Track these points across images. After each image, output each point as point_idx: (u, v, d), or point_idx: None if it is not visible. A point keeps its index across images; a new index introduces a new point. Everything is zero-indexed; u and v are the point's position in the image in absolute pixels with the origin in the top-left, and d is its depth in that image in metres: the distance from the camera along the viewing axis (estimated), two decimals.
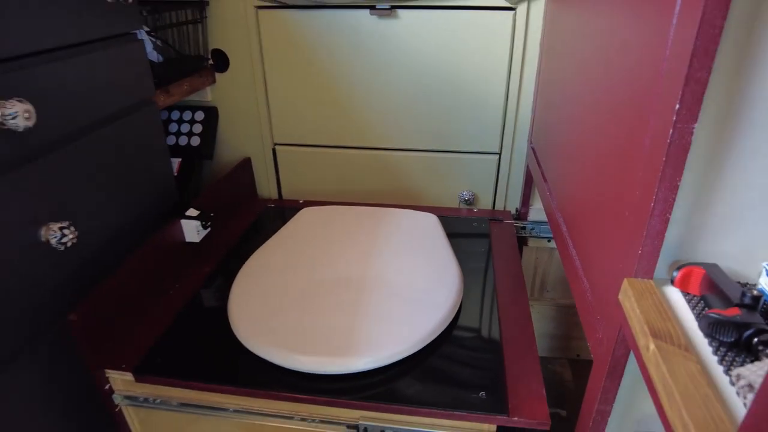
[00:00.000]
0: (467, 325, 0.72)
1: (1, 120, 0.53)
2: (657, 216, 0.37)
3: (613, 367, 0.46)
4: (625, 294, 0.40)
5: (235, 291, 0.75)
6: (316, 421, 0.63)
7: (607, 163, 0.50)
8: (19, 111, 0.54)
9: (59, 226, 0.61)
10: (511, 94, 0.97)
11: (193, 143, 1.07)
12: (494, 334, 0.71)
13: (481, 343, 0.69)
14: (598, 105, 0.54)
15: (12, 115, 0.54)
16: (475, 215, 1.04)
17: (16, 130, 0.55)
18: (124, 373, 0.66)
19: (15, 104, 0.54)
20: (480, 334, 0.71)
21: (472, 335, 0.70)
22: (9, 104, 0.54)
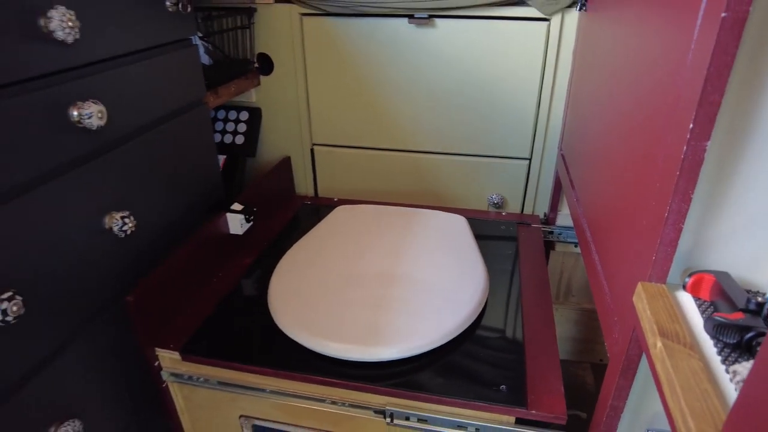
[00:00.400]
0: (491, 324, 0.76)
1: (78, 119, 0.60)
2: (671, 225, 0.40)
3: (627, 366, 0.49)
4: (638, 296, 0.43)
5: (275, 281, 0.81)
6: (346, 404, 0.68)
7: (628, 174, 0.52)
8: (93, 111, 0.61)
9: (121, 215, 0.68)
10: (542, 102, 1.00)
11: (238, 141, 1.14)
12: (517, 333, 0.74)
13: (504, 340, 0.73)
14: (622, 119, 0.57)
15: (88, 115, 0.60)
16: (503, 218, 1.07)
17: (91, 128, 0.62)
18: (172, 352, 0.72)
19: (91, 105, 0.61)
20: (503, 332, 0.74)
21: (495, 333, 0.74)
22: (86, 105, 0.60)
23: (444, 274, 0.81)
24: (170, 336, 0.75)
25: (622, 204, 0.53)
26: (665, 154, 0.41)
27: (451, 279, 0.80)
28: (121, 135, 0.70)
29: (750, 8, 0.33)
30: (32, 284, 0.57)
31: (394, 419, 0.66)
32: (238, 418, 0.76)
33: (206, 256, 0.86)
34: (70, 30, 0.57)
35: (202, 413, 0.79)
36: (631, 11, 0.57)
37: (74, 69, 0.62)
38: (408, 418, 0.65)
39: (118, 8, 0.67)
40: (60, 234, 0.60)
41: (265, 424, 0.75)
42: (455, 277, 0.81)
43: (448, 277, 0.80)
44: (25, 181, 0.56)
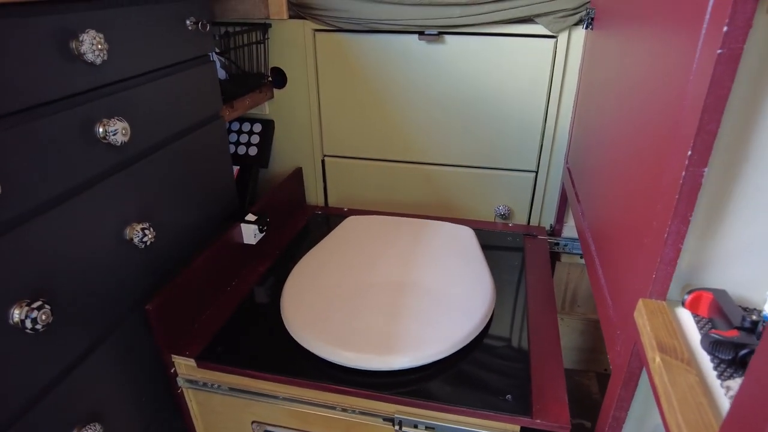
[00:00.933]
0: (498, 334, 0.78)
1: (104, 135, 0.63)
2: (670, 245, 0.43)
3: (628, 378, 0.51)
4: (639, 312, 0.45)
5: (288, 290, 0.83)
6: (356, 412, 0.70)
7: (630, 192, 0.55)
8: (119, 128, 0.64)
9: (141, 226, 0.71)
10: (549, 117, 1.02)
11: (251, 153, 1.17)
12: (523, 342, 0.76)
13: (510, 350, 0.75)
14: (625, 138, 0.59)
15: (113, 132, 0.63)
16: (510, 230, 1.09)
17: (115, 144, 0.65)
18: (188, 359, 0.75)
19: (116, 122, 0.64)
20: (509, 342, 0.76)
21: (501, 343, 0.76)
22: (111, 122, 0.63)
23: (452, 284, 0.83)
24: (187, 343, 0.77)
25: (625, 221, 0.55)
26: (666, 178, 0.43)
27: (459, 289, 0.82)
28: (143, 149, 0.73)
29: (744, 45, 0.36)
30: (60, 293, 0.60)
31: (403, 427, 0.68)
32: (251, 424, 0.78)
33: (221, 266, 0.88)
34: (99, 52, 0.60)
35: (215, 418, 0.81)
36: (636, 36, 0.59)
37: (101, 87, 0.65)
38: (416, 426, 0.68)
39: (143, 29, 0.71)
40: (85, 245, 0.63)
41: (276, 431, 0.77)
42: (463, 287, 0.83)
43: (456, 288, 0.83)
44: (58, 193, 0.58)
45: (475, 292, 0.81)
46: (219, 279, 0.88)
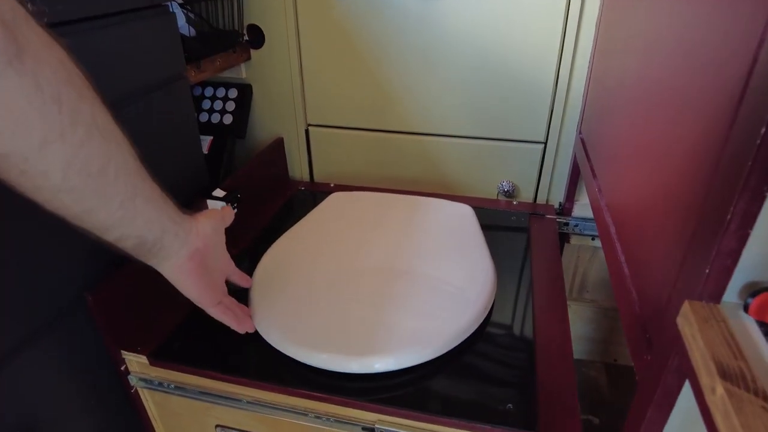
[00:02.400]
0: (498, 330, 0.67)
1: None
2: (733, 231, 0.31)
3: (663, 399, 0.40)
4: (685, 318, 0.34)
5: (258, 277, 0.73)
6: (331, 420, 0.60)
7: (672, 162, 0.43)
8: None
9: None
10: (561, 79, 0.90)
11: (226, 121, 1.05)
12: (527, 340, 0.66)
13: (513, 349, 0.64)
14: (665, 92, 0.47)
15: None
16: (514, 209, 0.98)
17: None
18: (139, 356, 0.65)
19: None
20: (511, 339, 0.66)
21: (502, 341, 0.65)
22: None
23: (447, 272, 0.72)
24: (139, 338, 0.67)
25: (661, 200, 0.44)
26: (732, 139, 0.32)
27: (454, 278, 0.71)
28: None
29: None
30: None
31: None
32: (215, 428, 0.68)
33: None
34: None
35: (176, 420, 0.72)
36: None
37: None
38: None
39: None
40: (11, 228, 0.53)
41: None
42: (459, 275, 0.72)
43: (451, 276, 0.72)
44: None
45: (473, 281, 0.70)
46: None
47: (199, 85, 1.08)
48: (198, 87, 1.08)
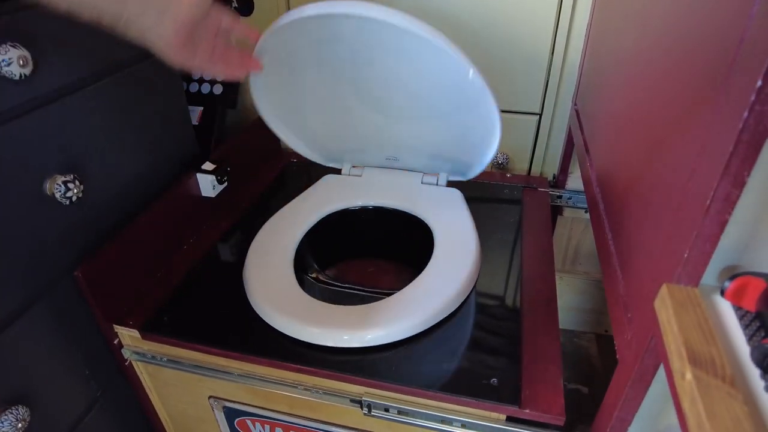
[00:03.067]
0: (484, 303, 0.68)
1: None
2: (713, 215, 0.31)
3: (640, 376, 0.40)
4: (662, 302, 0.34)
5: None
6: (320, 392, 0.61)
7: (658, 141, 0.42)
8: (13, 57, 0.51)
9: (63, 179, 0.59)
10: (557, 49, 0.87)
11: (216, 91, 1.03)
12: (514, 314, 0.66)
13: (499, 323, 0.65)
14: (656, 70, 0.46)
15: (6, 62, 0.51)
16: (508, 181, 0.97)
17: (12, 78, 0.52)
18: (131, 330, 0.66)
19: (8, 50, 0.51)
20: (498, 313, 0.66)
21: (488, 315, 0.66)
22: (2, 50, 0.50)
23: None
24: (130, 312, 0.68)
25: (648, 179, 0.43)
26: (716, 122, 0.31)
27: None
28: (61, 85, 0.60)
29: None
30: None
31: (372, 410, 0.59)
32: (208, 399, 0.70)
33: (174, 223, 0.77)
34: None
35: (170, 391, 0.73)
36: None
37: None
38: (387, 409, 0.59)
39: None
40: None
41: (236, 407, 0.69)
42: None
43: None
44: None
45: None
46: (172, 237, 0.78)
47: None
48: None
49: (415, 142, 0.81)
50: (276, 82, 0.75)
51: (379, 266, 0.87)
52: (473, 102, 0.68)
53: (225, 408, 0.70)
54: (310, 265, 0.79)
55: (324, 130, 0.84)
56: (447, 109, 0.73)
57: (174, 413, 0.77)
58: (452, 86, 0.69)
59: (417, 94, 0.73)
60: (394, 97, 0.74)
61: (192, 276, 0.74)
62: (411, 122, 0.78)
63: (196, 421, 0.76)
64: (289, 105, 0.80)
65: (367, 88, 0.74)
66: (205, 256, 0.78)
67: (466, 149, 0.78)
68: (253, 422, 0.70)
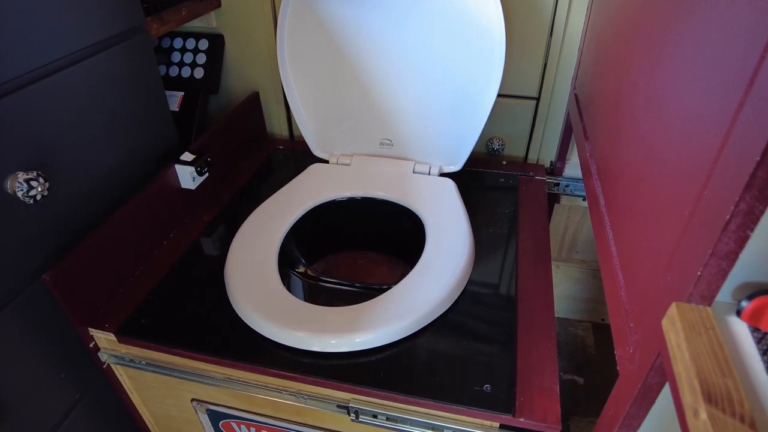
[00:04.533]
0: (477, 303, 0.65)
1: None
2: (733, 231, 0.27)
3: (643, 395, 0.37)
4: (671, 322, 0.31)
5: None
6: (305, 398, 0.59)
7: (667, 137, 0.38)
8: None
9: (26, 177, 0.55)
10: (556, 30, 0.82)
11: (197, 75, 0.98)
12: (509, 315, 0.63)
13: (493, 325, 0.62)
14: (667, 49, 0.42)
15: None
16: (504, 169, 0.93)
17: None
18: (107, 333, 0.62)
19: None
20: (492, 314, 0.63)
21: (481, 316, 0.63)
22: None
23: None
24: (108, 314, 0.64)
25: (654, 180, 0.40)
26: (740, 120, 0.27)
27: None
28: (19, 74, 0.56)
29: None
30: None
31: (360, 416, 0.57)
32: (191, 401, 0.67)
33: (151, 219, 0.73)
34: None
35: (151, 393, 0.70)
36: None
37: None
38: (375, 416, 0.56)
39: None
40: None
41: (220, 410, 0.66)
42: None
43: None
44: None
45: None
46: (151, 233, 0.74)
47: (168, 36, 1.00)
48: (167, 38, 1.00)
49: (412, 118, 0.81)
50: (302, 49, 0.81)
51: (369, 258, 0.84)
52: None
53: (209, 411, 0.67)
54: (296, 260, 0.75)
55: (329, 102, 0.85)
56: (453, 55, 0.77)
57: (158, 415, 0.75)
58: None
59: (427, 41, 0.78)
60: (404, 51, 0.80)
61: (172, 275, 0.70)
62: (415, 86, 0.82)
63: (180, 422, 0.73)
64: (309, 77, 0.84)
65: (380, 42, 0.81)
66: (186, 253, 0.74)
67: (463, 112, 0.79)
68: (238, 425, 0.68)
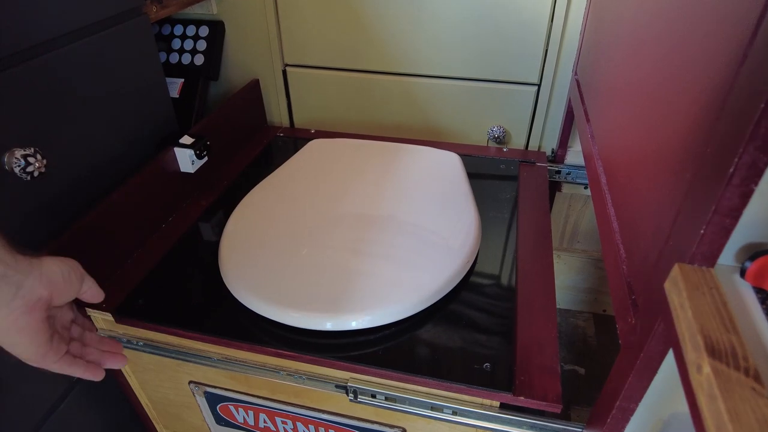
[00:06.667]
0: (480, 285, 0.64)
1: None
2: (735, 186, 0.27)
3: (645, 364, 0.37)
4: (674, 284, 0.31)
5: (229, 230, 0.69)
6: (303, 378, 0.58)
7: (669, 104, 0.38)
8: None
9: (23, 153, 0.55)
10: (557, 14, 0.82)
11: (197, 62, 0.98)
12: (509, 295, 0.63)
13: (493, 305, 0.61)
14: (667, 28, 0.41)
15: None
16: (504, 155, 0.93)
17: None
18: (105, 314, 0.62)
19: None
20: (493, 295, 0.63)
21: (482, 297, 0.62)
22: None
23: (428, 224, 0.69)
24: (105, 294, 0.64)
25: (655, 147, 0.39)
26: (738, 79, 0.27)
27: (437, 229, 0.67)
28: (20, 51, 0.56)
29: None
30: None
31: (358, 396, 0.56)
32: (188, 384, 0.67)
33: (150, 201, 0.73)
34: None
35: (149, 376, 0.70)
36: None
37: None
38: (374, 395, 0.56)
39: None
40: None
41: (218, 392, 0.66)
42: (442, 227, 0.68)
43: (433, 229, 0.68)
44: None
45: (456, 234, 0.67)
46: (149, 215, 0.74)
47: (168, 23, 1.00)
48: (167, 25, 1.00)
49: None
50: None
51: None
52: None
53: (206, 393, 0.67)
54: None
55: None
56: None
57: (155, 398, 0.74)
58: None
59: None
60: None
61: (170, 256, 0.70)
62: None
63: (178, 406, 0.73)
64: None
65: None
66: (184, 236, 0.74)
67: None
68: (236, 407, 0.67)
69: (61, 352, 0.45)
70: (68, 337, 0.48)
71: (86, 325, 0.52)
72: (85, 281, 0.48)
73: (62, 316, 0.48)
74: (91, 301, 0.50)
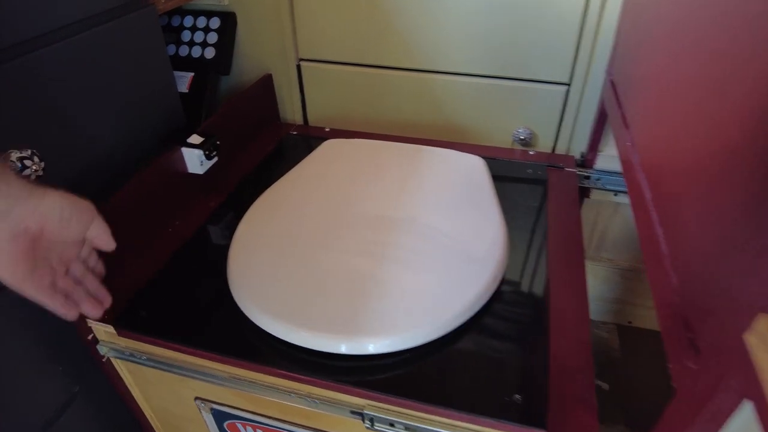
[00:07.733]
0: (507, 304, 0.60)
1: None
2: None
3: (710, 418, 0.32)
4: (761, 340, 0.26)
5: (238, 238, 0.65)
6: (316, 401, 0.54)
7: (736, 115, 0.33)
8: None
9: (19, 155, 0.51)
10: (591, 9, 0.76)
11: (208, 55, 0.93)
12: (540, 315, 0.58)
13: (523, 327, 0.57)
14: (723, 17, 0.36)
15: None
16: (531, 159, 0.87)
17: None
18: (106, 326, 0.58)
19: None
20: (522, 315, 0.58)
21: (511, 316, 0.58)
22: None
23: (455, 234, 0.64)
24: None
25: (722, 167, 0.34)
26: None
27: (463, 242, 0.63)
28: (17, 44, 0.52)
29: None
30: None
31: (375, 424, 0.52)
32: (194, 400, 0.63)
33: (156, 203, 0.69)
34: None
35: (153, 389, 0.67)
36: None
37: None
38: (393, 424, 0.51)
39: None
40: None
41: (225, 410, 0.62)
42: (468, 239, 0.63)
43: (459, 240, 0.63)
44: None
45: (483, 244, 0.62)
46: (154, 219, 0.70)
47: (178, 14, 0.95)
48: (177, 16, 0.96)
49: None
50: None
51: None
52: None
53: (213, 410, 0.63)
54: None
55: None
56: None
57: (159, 411, 0.71)
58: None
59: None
60: None
61: (175, 263, 0.66)
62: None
63: (183, 420, 0.69)
64: None
65: None
66: (191, 241, 0.70)
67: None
68: (244, 426, 0.64)
69: (42, 285, 0.43)
70: (62, 272, 0.45)
71: (96, 268, 0.50)
72: (93, 226, 0.46)
73: (64, 250, 0.45)
74: (101, 248, 0.48)
